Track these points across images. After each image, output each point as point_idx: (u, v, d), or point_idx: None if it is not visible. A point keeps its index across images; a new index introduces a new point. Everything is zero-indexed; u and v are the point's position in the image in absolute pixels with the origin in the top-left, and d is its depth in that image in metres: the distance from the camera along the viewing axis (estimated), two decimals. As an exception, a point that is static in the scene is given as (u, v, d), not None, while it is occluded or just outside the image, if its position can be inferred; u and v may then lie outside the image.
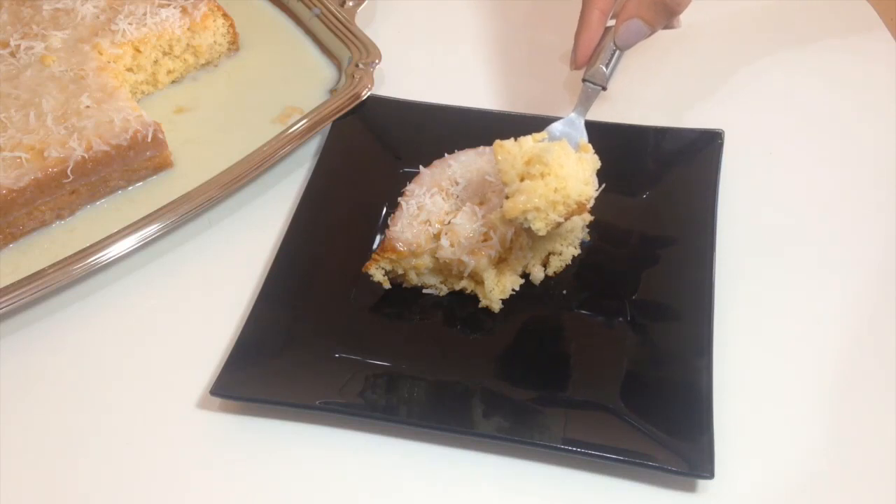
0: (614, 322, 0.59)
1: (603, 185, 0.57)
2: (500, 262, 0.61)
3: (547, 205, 0.54)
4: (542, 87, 0.77)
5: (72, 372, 0.59)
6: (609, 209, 0.64)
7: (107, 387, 0.59)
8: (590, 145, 0.57)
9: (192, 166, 0.71)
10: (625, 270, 0.62)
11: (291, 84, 0.78)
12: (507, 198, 0.55)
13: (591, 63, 0.65)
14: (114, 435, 0.56)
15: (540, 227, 0.55)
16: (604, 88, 0.65)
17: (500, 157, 0.55)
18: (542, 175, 0.54)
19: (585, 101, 0.64)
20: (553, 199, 0.54)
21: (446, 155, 0.65)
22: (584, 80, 0.65)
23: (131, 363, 0.60)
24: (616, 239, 0.65)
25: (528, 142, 0.55)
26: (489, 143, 0.65)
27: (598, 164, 0.57)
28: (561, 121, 0.63)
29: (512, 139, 0.56)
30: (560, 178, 0.54)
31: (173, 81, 0.79)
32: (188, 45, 0.78)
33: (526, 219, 0.54)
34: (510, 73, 0.79)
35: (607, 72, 0.64)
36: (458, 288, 0.62)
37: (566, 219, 0.56)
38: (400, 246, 0.59)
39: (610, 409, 0.54)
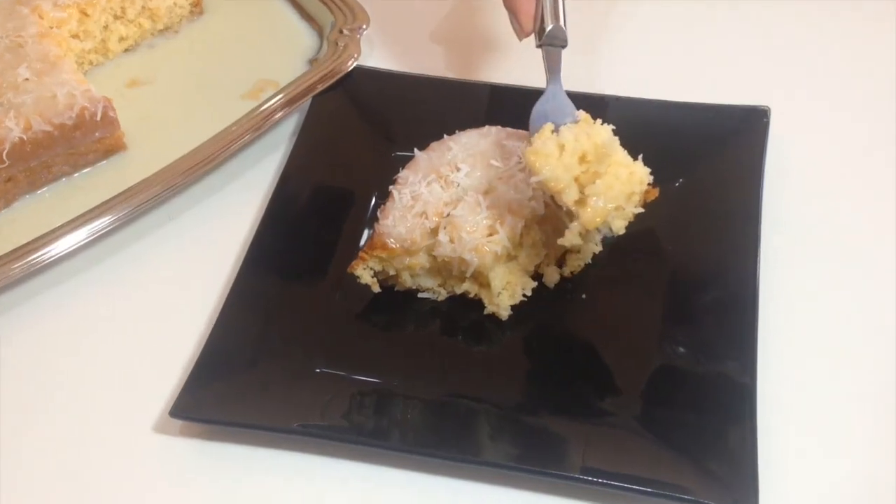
0: (642, 331, 0.60)
1: (641, 155, 0.56)
2: (508, 260, 0.61)
3: (624, 199, 0.55)
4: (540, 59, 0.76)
5: (6, 388, 0.59)
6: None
7: (47, 406, 0.58)
8: (588, 115, 0.56)
9: (149, 149, 0.71)
10: (654, 270, 0.63)
11: (264, 53, 0.78)
12: (574, 206, 0.54)
13: (541, 24, 0.63)
14: (56, 463, 0.56)
15: (621, 225, 0.55)
16: (564, 46, 0.63)
17: (545, 167, 0.54)
18: (606, 167, 0.54)
19: (554, 67, 0.61)
20: (630, 191, 0.55)
21: (445, 136, 0.65)
22: (540, 46, 0.62)
23: (76, 379, 0.60)
24: (643, 234, 0.64)
25: (567, 135, 0.55)
26: (494, 121, 0.66)
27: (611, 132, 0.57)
28: (542, 101, 0.60)
29: (538, 141, 0.55)
30: (626, 165, 0.55)
31: (126, 50, 0.79)
32: (143, 7, 0.78)
33: (606, 222, 0.55)
34: (518, 41, 0.79)
35: (564, 25, 0.61)
36: (459, 291, 0.62)
37: (643, 206, 0.56)
38: (391, 242, 0.59)
39: (637, 433, 0.54)
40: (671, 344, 0.58)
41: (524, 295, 0.61)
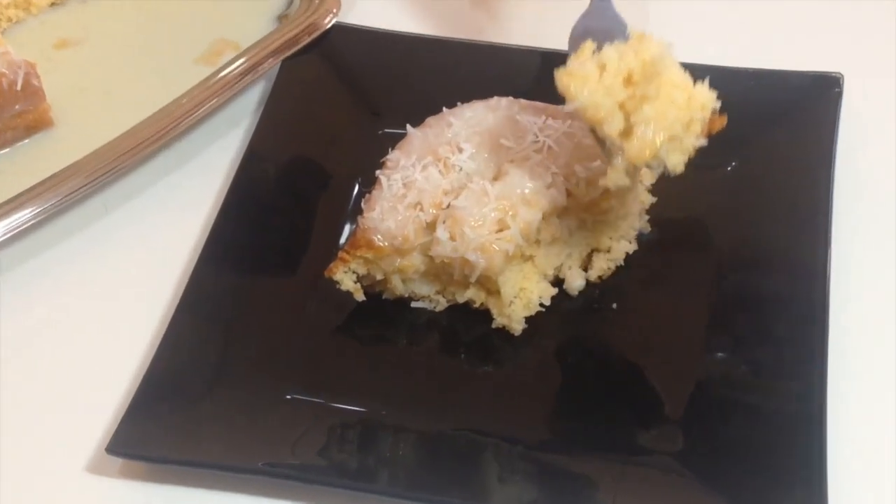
0: (685, 349, 0.59)
1: (707, 77, 0.56)
2: (522, 262, 0.61)
3: (682, 127, 0.54)
4: (570, 12, 0.76)
5: None
6: (678, 187, 0.62)
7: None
8: (642, 33, 0.56)
9: (81, 125, 0.70)
10: (701, 274, 0.62)
11: (223, 8, 0.78)
12: (619, 139, 0.54)
13: None
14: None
15: (678, 161, 0.55)
16: None
17: (582, 91, 0.53)
18: (657, 89, 0.54)
19: None
20: (689, 118, 0.54)
21: (444, 109, 0.64)
22: None
23: (-5, 408, 0.59)
24: (688, 229, 0.65)
25: (611, 53, 0.54)
26: (505, 91, 0.65)
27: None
28: (584, 16, 0.61)
29: (574, 61, 0.55)
30: (683, 86, 0.54)
31: (53, 3, 0.78)
32: (75, -50, 0.78)
33: (657, 155, 0.54)
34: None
35: None
36: (461, 300, 0.61)
37: (707, 137, 0.56)
38: (378, 239, 0.59)
39: (678, 473, 0.54)
40: (720, 365, 0.58)
41: (541, 304, 0.61)
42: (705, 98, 0.55)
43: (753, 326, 0.59)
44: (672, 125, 0.54)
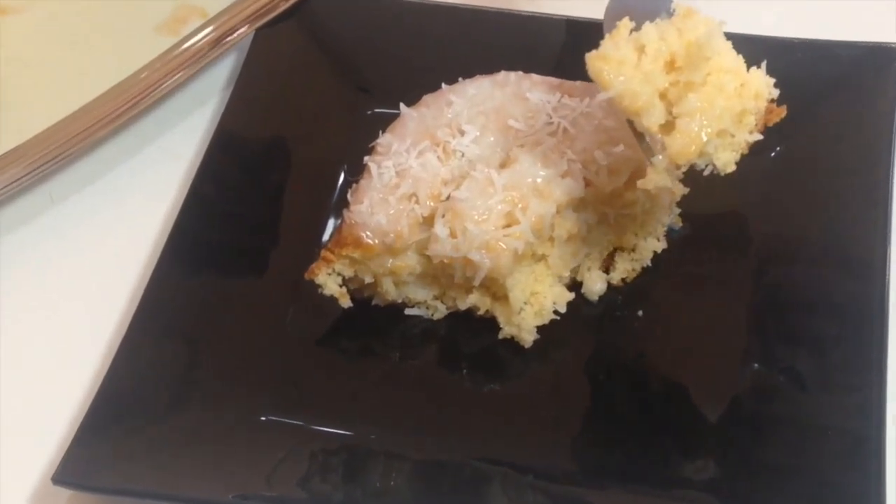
0: (720, 362, 0.59)
1: (764, 62, 0.56)
2: (534, 262, 0.61)
3: (733, 120, 0.54)
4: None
5: None
6: (713, 176, 0.61)
7: None
8: (689, 7, 0.56)
9: (23, 105, 0.70)
10: (740, 275, 0.62)
11: (187, -31, 0.77)
12: (660, 132, 0.54)
13: None
14: None
15: (728, 160, 0.55)
16: None
17: (617, 77, 0.53)
18: (704, 75, 0.54)
19: None
20: (741, 109, 0.54)
21: (444, 86, 0.65)
22: None
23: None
24: (725, 224, 0.65)
25: (650, 33, 0.54)
26: (515, 65, 0.64)
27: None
28: None
29: (609, 43, 0.54)
30: (735, 72, 0.54)
31: (-10, -37, 0.78)
32: None
33: (704, 153, 0.54)
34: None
35: None
36: (463, 307, 0.61)
37: (762, 132, 0.56)
38: (367, 236, 0.59)
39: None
40: (762, 379, 0.58)
41: (555, 311, 0.61)
42: (760, 86, 0.55)
43: (800, 334, 0.59)
44: (721, 117, 0.54)
